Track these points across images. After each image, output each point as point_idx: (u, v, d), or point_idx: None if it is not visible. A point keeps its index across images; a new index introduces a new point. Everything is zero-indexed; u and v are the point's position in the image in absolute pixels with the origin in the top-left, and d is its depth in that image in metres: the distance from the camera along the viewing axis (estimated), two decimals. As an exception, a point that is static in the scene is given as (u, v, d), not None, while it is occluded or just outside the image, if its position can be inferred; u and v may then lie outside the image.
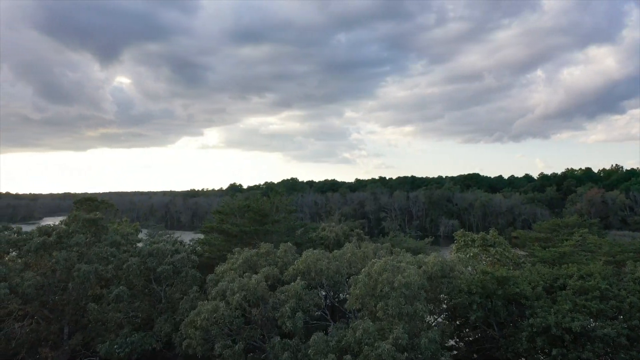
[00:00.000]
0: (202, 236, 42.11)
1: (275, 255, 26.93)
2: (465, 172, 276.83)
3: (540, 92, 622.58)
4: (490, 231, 31.45)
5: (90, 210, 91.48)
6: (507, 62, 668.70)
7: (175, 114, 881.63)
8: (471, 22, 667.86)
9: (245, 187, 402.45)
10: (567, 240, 48.05)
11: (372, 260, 24.54)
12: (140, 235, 77.97)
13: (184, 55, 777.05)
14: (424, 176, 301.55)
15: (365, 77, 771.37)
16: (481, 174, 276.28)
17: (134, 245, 33.44)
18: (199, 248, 34.34)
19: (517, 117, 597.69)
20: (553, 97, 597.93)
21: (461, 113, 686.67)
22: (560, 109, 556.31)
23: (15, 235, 30.28)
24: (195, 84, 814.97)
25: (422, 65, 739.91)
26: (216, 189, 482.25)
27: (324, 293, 26.51)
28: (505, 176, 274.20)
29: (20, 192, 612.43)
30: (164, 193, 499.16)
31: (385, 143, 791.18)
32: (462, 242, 31.46)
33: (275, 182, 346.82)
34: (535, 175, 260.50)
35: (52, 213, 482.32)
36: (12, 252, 29.48)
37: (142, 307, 28.64)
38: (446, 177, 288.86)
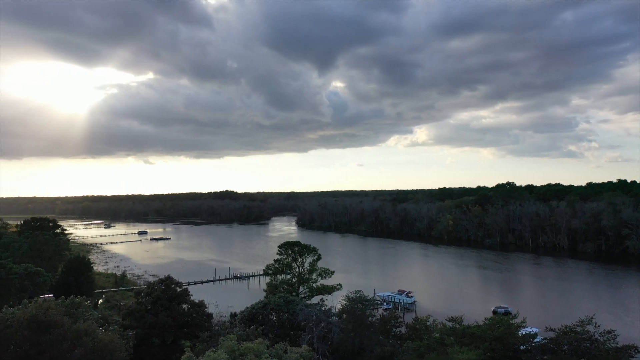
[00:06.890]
0: None
1: None
2: None
3: None
4: None
5: (294, 254, 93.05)
6: None
7: (385, 114, 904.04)
8: None
9: (455, 188, 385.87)
10: None
11: None
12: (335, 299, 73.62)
13: (393, 55, 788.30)
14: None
15: (597, 57, 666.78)
16: None
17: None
18: None
19: None
20: None
21: None
22: None
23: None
24: (403, 83, 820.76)
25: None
26: (425, 188, 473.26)
27: None
28: None
29: (254, 191, 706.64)
30: (375, 193, 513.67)
31: (623, 133, 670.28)
32: None
33: (489, 186, 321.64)
34: None
35: (278, 213, 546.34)
36: None
37: None
38: None
